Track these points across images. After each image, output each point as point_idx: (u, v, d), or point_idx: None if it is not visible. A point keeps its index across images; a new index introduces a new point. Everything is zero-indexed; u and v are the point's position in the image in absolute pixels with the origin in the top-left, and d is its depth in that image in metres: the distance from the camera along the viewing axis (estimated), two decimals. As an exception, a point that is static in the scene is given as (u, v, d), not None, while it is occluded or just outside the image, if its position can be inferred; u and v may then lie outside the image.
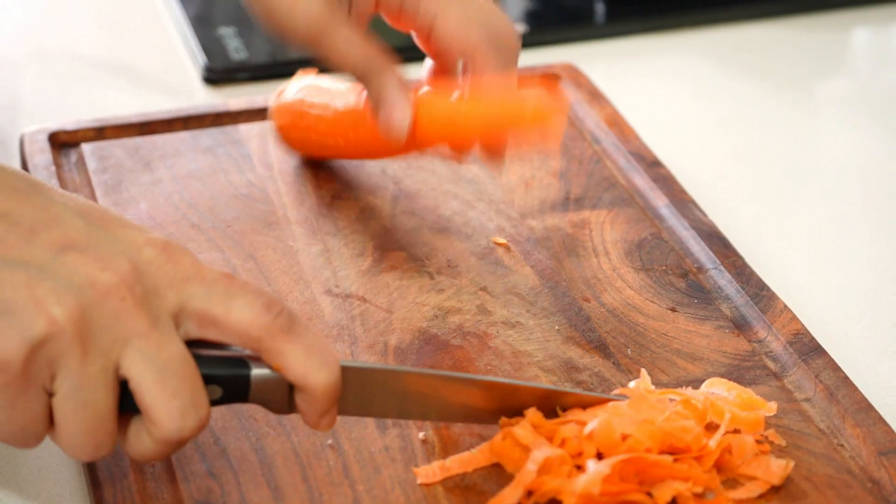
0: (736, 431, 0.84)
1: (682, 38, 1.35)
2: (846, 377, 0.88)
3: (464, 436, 0.85)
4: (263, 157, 1.09)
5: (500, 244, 1.01)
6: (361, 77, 0.93)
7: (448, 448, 0.84)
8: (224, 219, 1.02)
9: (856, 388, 0.88)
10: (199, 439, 0.84)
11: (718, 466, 0.82)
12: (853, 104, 1.28)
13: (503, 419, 0.84)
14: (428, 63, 0.98)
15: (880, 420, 0.85)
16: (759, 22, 1.38)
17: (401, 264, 0.98)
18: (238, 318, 0.76)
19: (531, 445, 0.81)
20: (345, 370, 0.79)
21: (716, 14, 1.38)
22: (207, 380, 0.77)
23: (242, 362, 0.78)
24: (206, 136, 1.11)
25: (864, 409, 0.86)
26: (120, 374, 0.74)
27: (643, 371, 0.87)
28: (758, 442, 0.83)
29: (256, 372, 0.78)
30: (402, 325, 0.93)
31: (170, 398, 0.74)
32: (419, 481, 0.82)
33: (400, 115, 0.93)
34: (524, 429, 0.82)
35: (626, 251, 1.00)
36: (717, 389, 0.86)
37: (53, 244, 0.74)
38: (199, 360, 0.76)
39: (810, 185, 1.16)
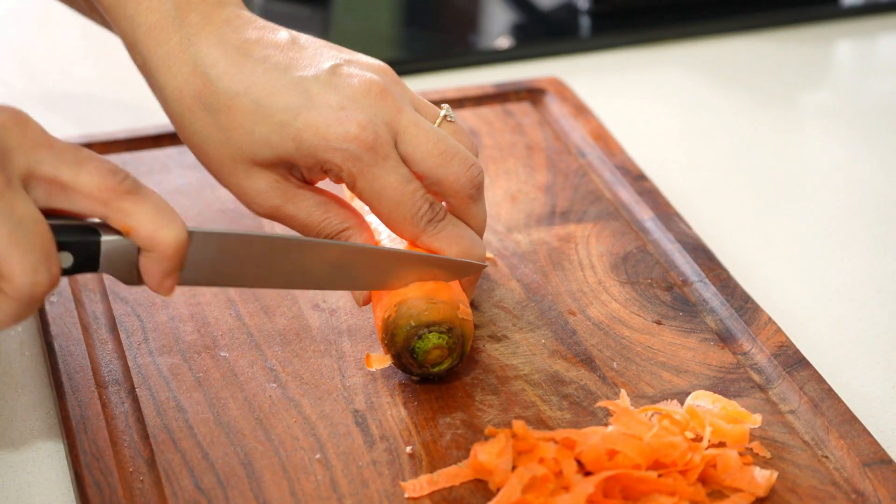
0: (721, 444, 0.84)
1: (667, 52, 1.36)
2: (830, 389, 0.89)
3: (451, 449, 0.85)
4: (250, 172, 1.10)
5: (487, 259, 1.01)
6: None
7: (436, 461, 0.84)
8: (211, 234, 1.03)
9: (840, 400, 0.88)
10: (188, 454, 0.84)
11: (703, 479, 0.83)
12: (836, 116, 1.29)
13: (489, 428, 0.84)
14: None
15: (864, 432, 0.86)
16: (743, 35, 1.39)
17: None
18: (86, 182, 0.78)
19: (494, 469, 0.81)
20: (194, 235, 0.82)
21: (700, 27, 1.38)
22: (59, 247, 0.79)
23: (92, 230, 0.81)
24: (194, 151, 1.12)
25: (849, 421, 0.87)
26: None
27: (622, 392, 0.88)
28: (741, 454, 0.84)
29: (106, 238, 0.81)
30: (389, 340, 0.94)
31: (23, 254, 0.76)
32: (407, 495, 0.82)
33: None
34: (488, 453, 0.82)
35: (611, 264, 1.01)
36: (703, 402, 0.87)
37: None
38: (50, 228, 0.78)
39: (794, 198, 1.16)
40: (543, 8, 1.42)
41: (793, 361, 0.91)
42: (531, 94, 1.20)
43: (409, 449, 0.85)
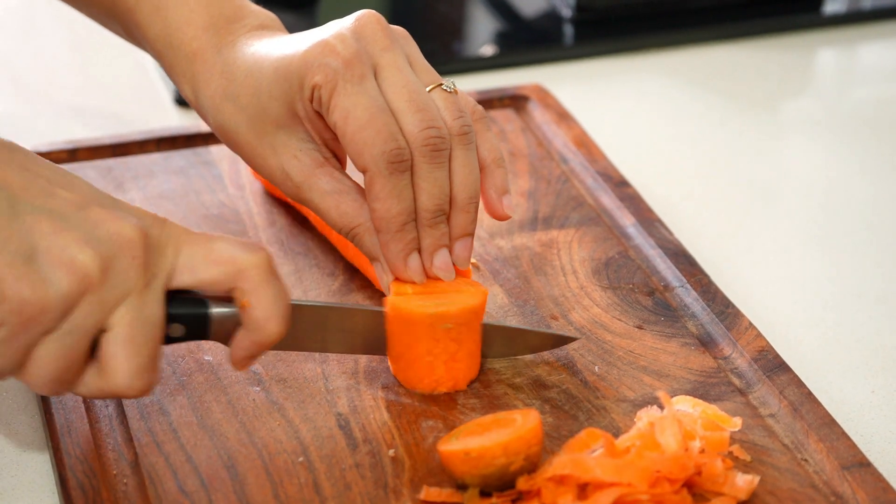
0: (701, 450, 0.85)
1: (650, 60, 1.37)
2: (810, 393, 0.90)
3: (433, 452, 0.85)
4: (235, 177, 1.10)
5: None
6: (345, 236, 0.91)
7: (418, 465, 0.85)
8: (196, 239, 1.03)
9: (819, 404, 0.89)
10: (171, 457, 0.85)
11: (686, 484, 0.83)
12: (818, 124, 1.29)
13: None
14: None
15: (843, 435, 0.86)
16: (725, 43, 1.40)
17: (370, 283, 0.99)
18: (220, 253, 0.80)
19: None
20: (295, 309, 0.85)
21: (682, 35, 1.39)
22: (171, 318, 0.81)
23: (202, 302, 0.82)
24: (179, 157, 1.12)
25: (828, 425, 0.87)
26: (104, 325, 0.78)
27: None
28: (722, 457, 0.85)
29: (216, 310, 0.82)
30: (372, 344, 0.94)
31: (133, 355, 0.78)
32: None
33: (385, 276, 0.91)
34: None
35: (593, 270, 1.01)
36: (683, 406, 0.87)
37: (73, 200, 0.78)
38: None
39: (775, 204, 1.17)
40: (527, 16, 1.43)
41: (773, 366, 0.92)
42: (514, 100, 1.20)
43: (391, 452, 0.86)
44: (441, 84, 0.90)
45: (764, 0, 1.43)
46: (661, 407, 0.87)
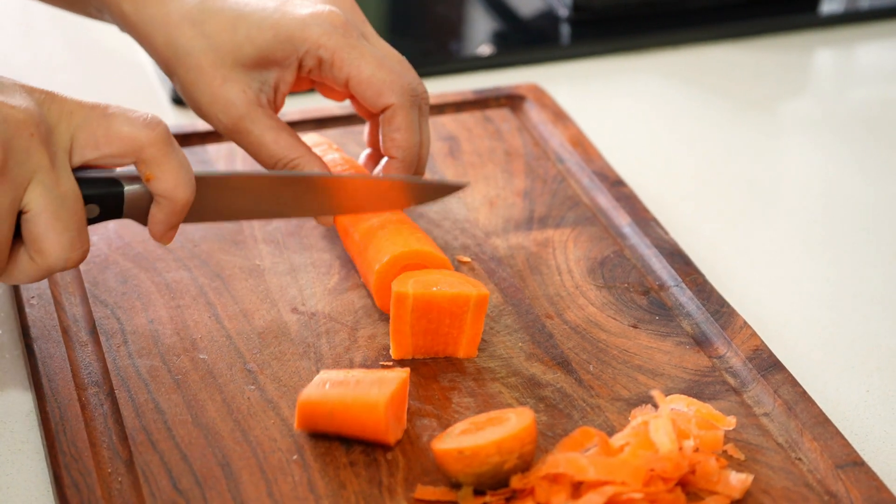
0: (695, 449, 0.85)
1: (646, 60, 1.37)
2: (804, 392, 0.90)
3: (427, 451, 0.86)
4: (231, 177, 1.10)
5: (464, 262, 1.02)
6: (281, 167, 0.97)
7: (412, 463, 0.85)
8: (192, 238, 1.03)
9: (814, 403, 0.89)
10: (166, 455, 0.85)
11: (680, 482, 0.83)
12: (815, 124, 1.29)
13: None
14: (366, 127, 1.04)
15: (837, 434, 0.87)
16: (723, 43, 1.40)
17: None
18: (118, 131, 0.83)
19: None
20: (199, 181, 0.89)
21: (679, 35, 1.39)
22: (85, 200, 0.84)
23: (116, 181, 0.86)
24: (175, 156, 1.12)
25: (822, 424, 0.87)
26: (21, 206, 0.81)
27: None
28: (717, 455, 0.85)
29: (129, 188, 0.86)
30: (367, 343, 0.94)
31: (62, 231, 0.82)
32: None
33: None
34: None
35: (588, 269, 1.02)
36: (678, 405, 0.87)
37: None
38: (78, 182, 0.83)
39: (771, 205, 1.17)
40: (524, 16, 1.43)
41: (767, 365, 0.92)
42: (511, 100, 1.21)
43: (388, 455, 0.86)
44: None
45: (761, 0, 1.43)
46: (656, 406, 0.87)
